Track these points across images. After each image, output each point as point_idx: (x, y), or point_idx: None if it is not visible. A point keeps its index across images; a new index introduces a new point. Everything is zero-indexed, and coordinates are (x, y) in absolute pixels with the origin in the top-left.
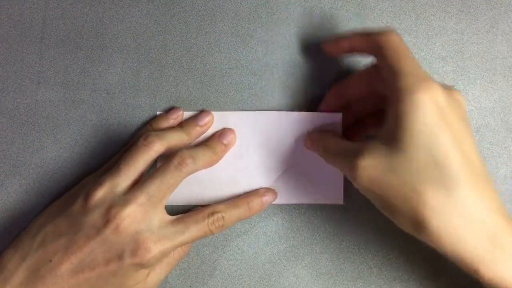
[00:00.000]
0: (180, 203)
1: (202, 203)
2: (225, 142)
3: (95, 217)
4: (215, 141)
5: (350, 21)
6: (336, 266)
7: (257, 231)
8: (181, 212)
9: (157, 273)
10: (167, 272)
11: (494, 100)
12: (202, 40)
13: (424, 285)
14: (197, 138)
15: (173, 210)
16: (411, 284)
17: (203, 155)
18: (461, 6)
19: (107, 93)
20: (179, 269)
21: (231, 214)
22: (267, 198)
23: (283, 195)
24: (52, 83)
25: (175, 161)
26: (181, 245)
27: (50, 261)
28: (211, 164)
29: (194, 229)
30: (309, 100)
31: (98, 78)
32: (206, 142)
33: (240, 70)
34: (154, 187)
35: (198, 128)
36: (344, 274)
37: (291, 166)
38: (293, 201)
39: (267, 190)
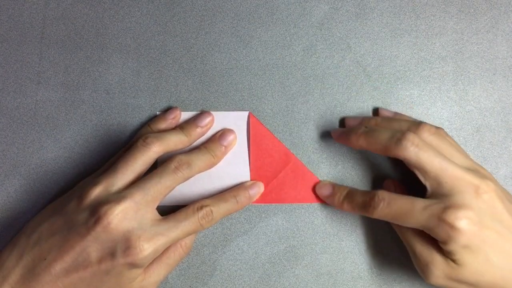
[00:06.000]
0: (167, 204)
1: (188, 202)
2: (225, 144)
3: (87, 214)
4: (215, 143)
5: (350, 21)
6: (336, 266)
7: (257, 231)
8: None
9: (155, 273)
10: (166, 273)
11: (494, 100)
12: (202, 40)
13: (424, 285)
14: (197, 139)
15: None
16: (411, 284)
17: (200, 160)
18: (461, 6)
19: (107, 93)
20: (179, 269)
21: (219, 207)
22: (253, 191)
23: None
24: (52, 83)
25: (172, 165)
26: (173, 241)
27: (45, 259)
28: (209, 167)
29: (185, 224)
30: (309, 100)
31: (98, 78)
32: (205, 144)
33: (240, 70)
34: (150, 186)
35: (198, 130)
36: (344, 274)
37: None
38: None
39: (254, 183)
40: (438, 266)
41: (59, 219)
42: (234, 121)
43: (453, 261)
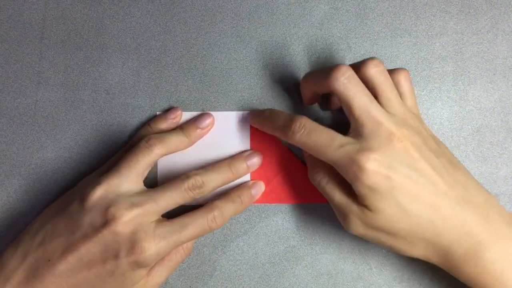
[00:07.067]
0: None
1: (191, 204)
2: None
3: (93, 216)
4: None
5: (350, 21)
6: (336, 266)
7: (257, 231)
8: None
9: (157, 275)
10: (168, 274)
11: (494, 100)
12: (202, 40)
13: (424, 285)
14: (197, 140)
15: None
16: (411, 284)
17: (213, 181)
18: (461, 6)
19: (107, 93)
20: (179, 269)
21: (228, 209)
22: (255, 191)
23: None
24: (52, 83)
25: (188, 183)
26: (177, 244)
27: (49, 260)
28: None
29: (192, 226)
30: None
31: (98, 78)
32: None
33: (240, 70)
34: (162, 199)
35: (198, 131)
36: (344, 274)
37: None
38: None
39: (255, 182)
40: (355, 214)
41: (62, 219)
42: (235, 121)
43: (366, 207)
